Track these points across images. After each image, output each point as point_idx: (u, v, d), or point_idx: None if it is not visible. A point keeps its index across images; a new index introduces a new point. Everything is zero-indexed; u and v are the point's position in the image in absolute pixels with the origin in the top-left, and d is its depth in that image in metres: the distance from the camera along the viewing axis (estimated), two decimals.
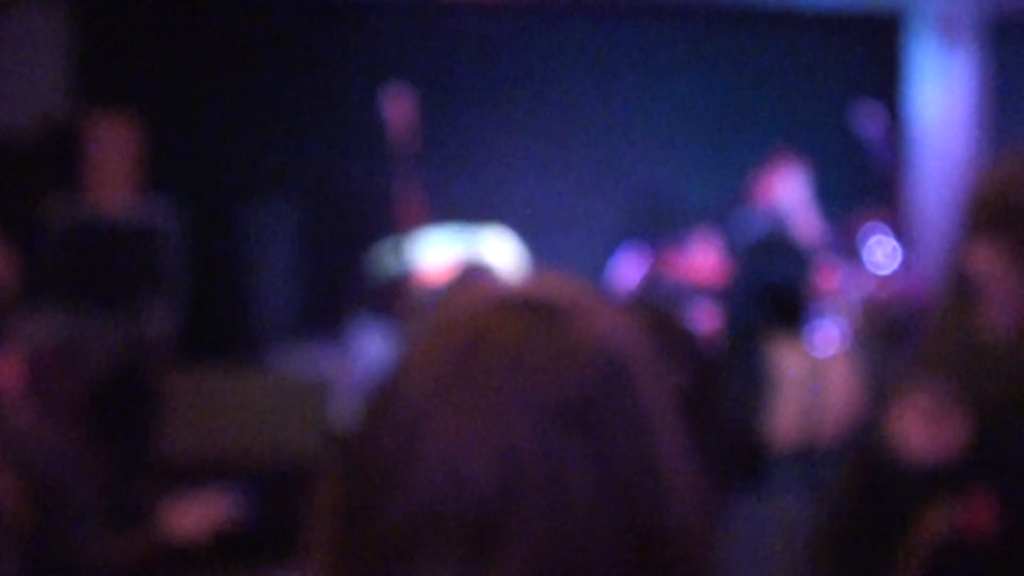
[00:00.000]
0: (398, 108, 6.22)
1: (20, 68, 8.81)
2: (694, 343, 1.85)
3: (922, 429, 2.17)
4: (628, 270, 7.78)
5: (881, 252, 7.57)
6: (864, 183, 8.28)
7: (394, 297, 6.25)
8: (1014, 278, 2.17)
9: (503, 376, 1.07)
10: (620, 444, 1.07)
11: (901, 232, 7.85)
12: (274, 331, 8.28)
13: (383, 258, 7.10)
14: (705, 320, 6.93)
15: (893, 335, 7.28)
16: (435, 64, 8.96)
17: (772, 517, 5.74)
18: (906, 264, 7.66)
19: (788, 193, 7.46)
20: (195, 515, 3.64)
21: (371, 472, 1.09)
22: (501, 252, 6.86)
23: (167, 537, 3.54)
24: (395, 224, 6.61)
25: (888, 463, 2.20)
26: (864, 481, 2.26)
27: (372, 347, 6.40)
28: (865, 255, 7.57)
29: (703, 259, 7.59)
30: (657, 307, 2.36)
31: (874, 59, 9.27)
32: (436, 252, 6.86)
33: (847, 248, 7.65)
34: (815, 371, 6.86)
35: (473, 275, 5.98)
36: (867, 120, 7.78)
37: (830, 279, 7.35)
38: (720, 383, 2.21)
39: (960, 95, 8.67)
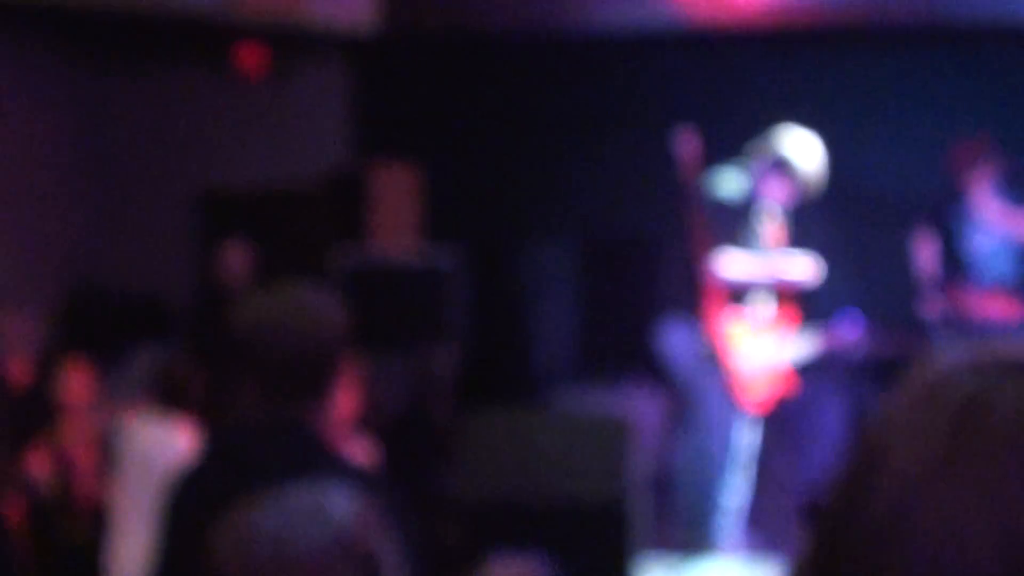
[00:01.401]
0: (688, 148, 6.13)
1: (305, 122, 9.13)
2: None
3: None
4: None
5: None
6: None
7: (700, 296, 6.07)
8: None
9: (1004, 446, 0.97)
10: None
11: None
12: (555, 373, 8.25)
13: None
14: None
15: None
16: (711, 101, 8.84)
17: None
18: None
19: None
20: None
21: (856, 546, 1.00)
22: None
23: None
24: (682, 263, 6.45)
25: None
26: None
27: (679, 349, 6.21)
28: None
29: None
30: None
31: None
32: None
33: None
34: None
35: None
36: None
37: None
38: None
39: None
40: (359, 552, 1.62)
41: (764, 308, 6.34)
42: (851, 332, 7.37)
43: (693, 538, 5.98)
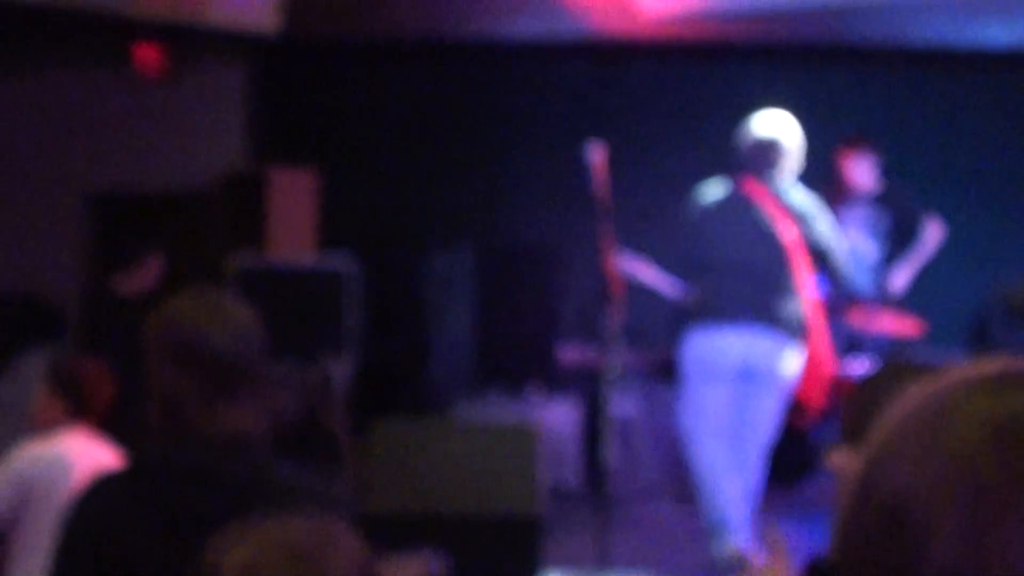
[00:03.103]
0: (598, 157, 6.11)
1: (203, 123, 8.97)
2: None
3: None
4: None
5: None
6: None
7: None
8: None
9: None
10: None
11: None
12: (453, 382, 8.19)
13: None
14: None
15: None
16: (616, 111, 8.88)
17: None
18: None
19: None
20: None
21: None
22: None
23: None
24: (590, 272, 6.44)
25: None
26: None
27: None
28: None
29: None
30: None
31: None
32: None
33: None
34: None
35: None
36: None
37: None
38: None
39: None
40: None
41: None
42: None
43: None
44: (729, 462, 5.96)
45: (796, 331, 5.95)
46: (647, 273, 6.34)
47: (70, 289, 9.12)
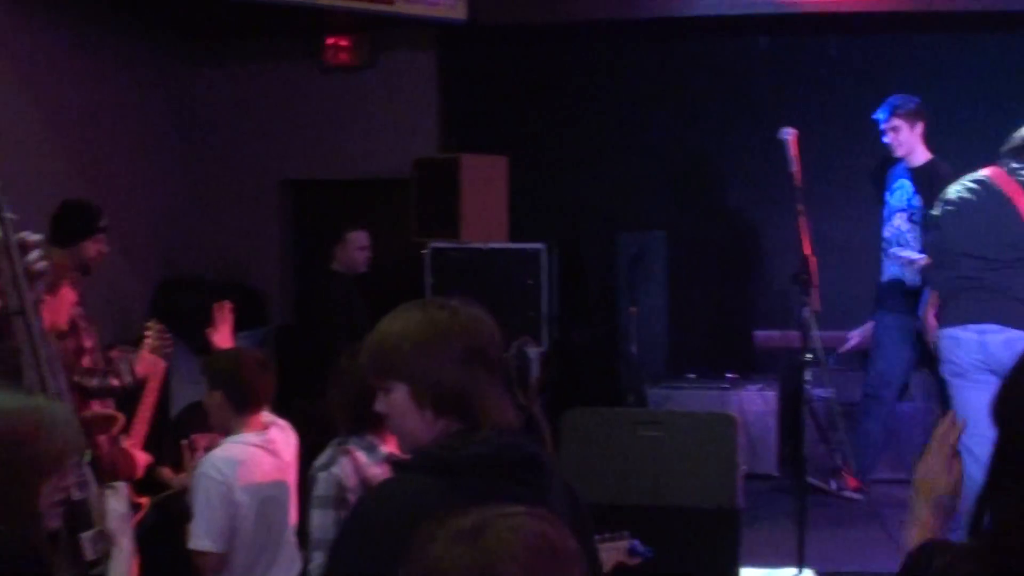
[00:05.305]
0: (793, 141, 5.96)
1: (397, 111, 9.08)
2: None
3: None
4: None
5: None
6: None
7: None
8: None
9: None
10: None
11: None
12: (647, 368, 8.10)
13: None
14: None
15: None
16: (807, 89, 8.65)
17: None
18: None
19: None
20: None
21: None
22: None
23: None
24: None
25: None
26: None
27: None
28: None
29: None
30: None
31: None
32: None
33: None
34: None
35: None
36: None
37: None
38: None
39: None
40: None
41: None
42: None
43: None
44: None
45: None
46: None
47: (271, 273, 9.36)
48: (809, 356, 5.72)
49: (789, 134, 6.00)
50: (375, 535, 2.25)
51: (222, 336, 5.22)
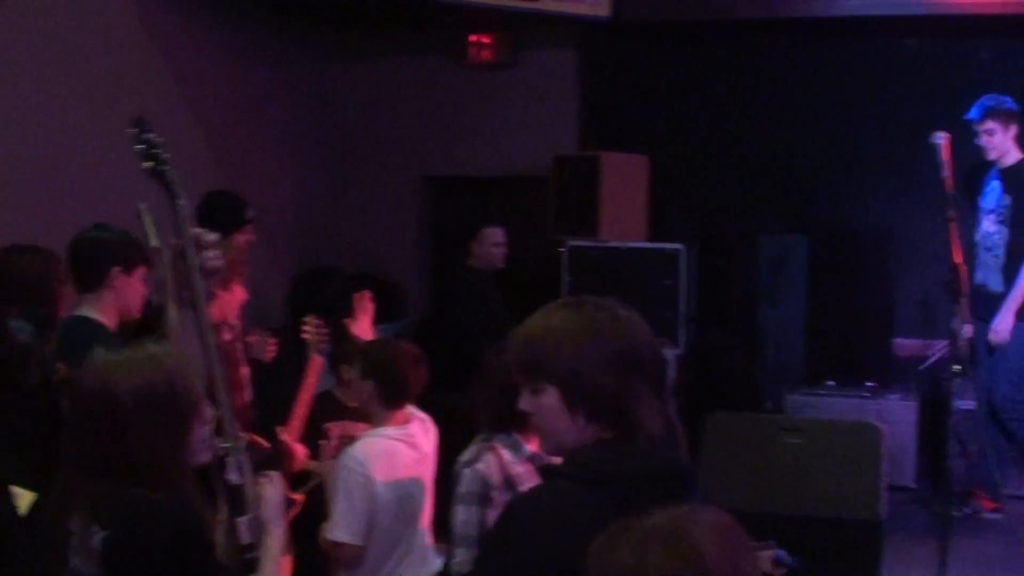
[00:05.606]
0: (945, 146, 5.83)
1: (537, 109, 9.08)
2: None
3: None
4: None
5: None
6: None
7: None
8: None
9: None
10: None
11: None
12: (784, 374, 7.98)
13: None
14: None
15: None
16: (960, 92, 8.43)
17: None
18: None
19: None
20: None
21: None
22: None
23: None
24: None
25: None
26: None
27: None
28: None
29: None
30: None
31: None
32: None
33: None
34: None
35: None
36: None
37: None
38: None
39: None
40: None
41: None
42: None
43: None
44: None
45: None
46: None
47: (409, 267, 9.43)
48: (957, 368, 5.58)
49: (941, 138, 5.85)
50: (526, 544, 2.20)
51: (361, 326, 5.27)
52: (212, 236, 3.21)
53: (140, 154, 3.15)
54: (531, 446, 3.75)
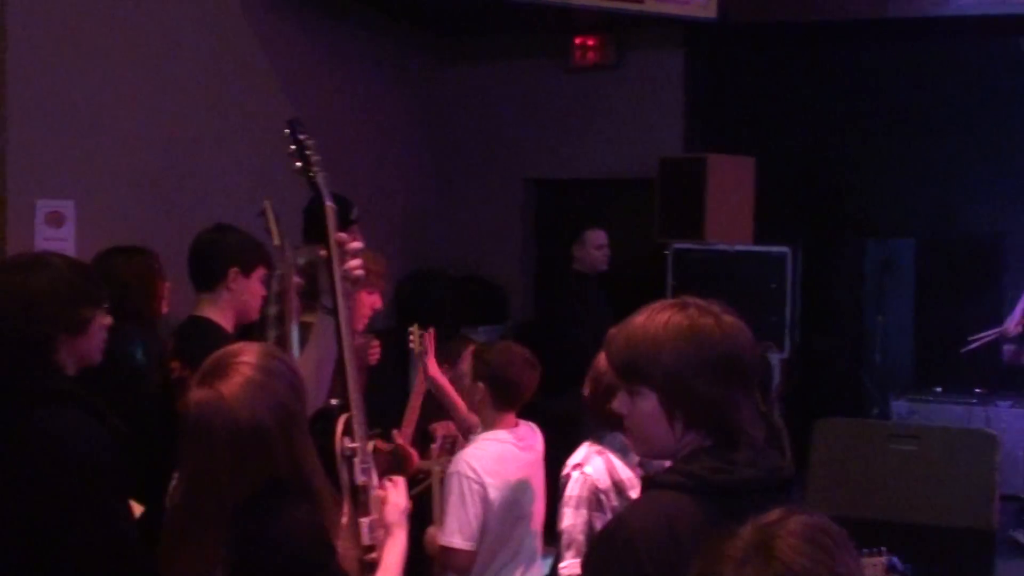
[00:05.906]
0: None
1: (643, 111, 9.06)
2: None
3: None
4: None
5: None
6: None
7: None
8: None
9: None
10: None
11: None
12: (892, 379, 7.89)
13: None
14: None
15: None
16: None
17: None
18: None
19: None
20: None
21: None
22: None
23: None
24: None
25: None
26: None
27: None
28: None
29: None
30: None
31: None
32: None
33: None
34: None
35: None
36: None
37: None
38: None
39: None
40: None
41: None
42: None
43: None
44: None
45: None
46: None
47: (512, 270, 9.46)
48: None
49: None
50: (634, 556, 2.15)
51: (431, 366, 5.17)
52: (357, 244, 3.19)
53: (292, 155, 3.17)
54: None
